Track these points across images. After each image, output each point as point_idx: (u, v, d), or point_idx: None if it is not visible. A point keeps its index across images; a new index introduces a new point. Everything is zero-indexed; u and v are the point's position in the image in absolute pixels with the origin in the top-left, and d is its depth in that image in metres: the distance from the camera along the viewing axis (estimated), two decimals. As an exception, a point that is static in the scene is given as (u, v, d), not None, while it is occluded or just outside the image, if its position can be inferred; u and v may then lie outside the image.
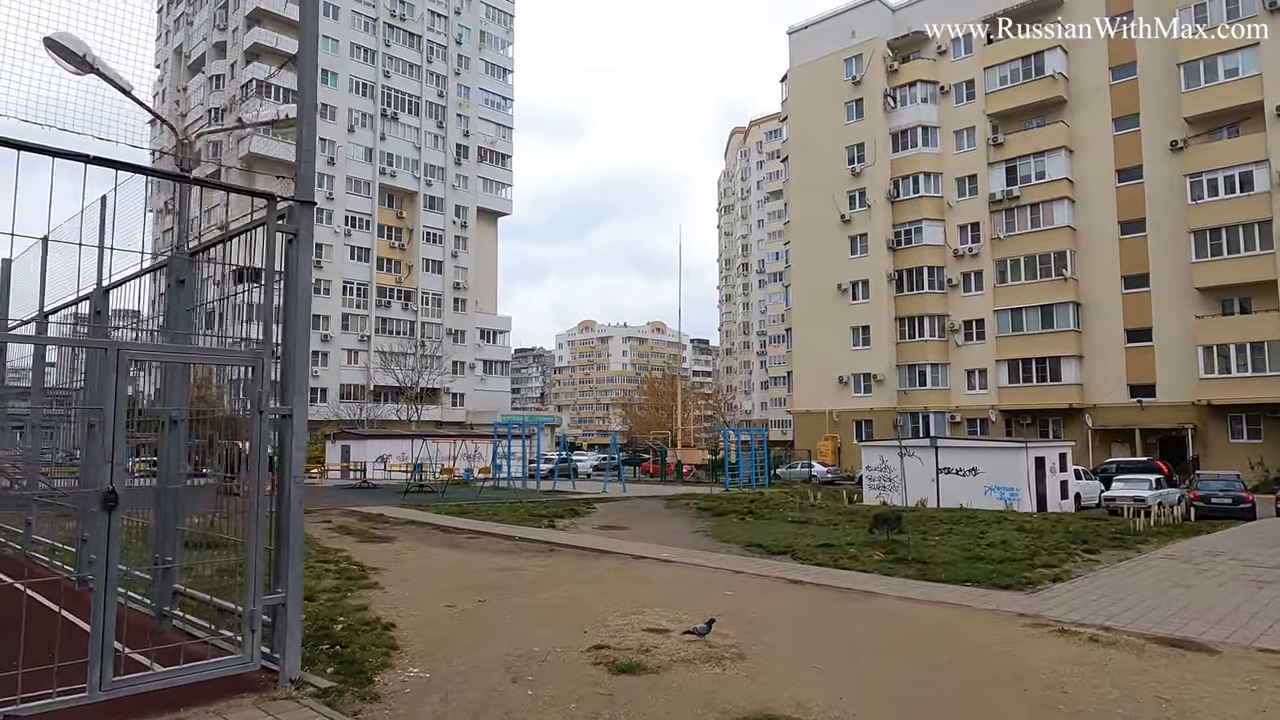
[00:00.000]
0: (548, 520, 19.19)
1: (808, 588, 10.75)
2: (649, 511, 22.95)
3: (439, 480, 30.20)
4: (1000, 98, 48.12)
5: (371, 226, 69.22)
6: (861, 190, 52.54)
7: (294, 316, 5.72)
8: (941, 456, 26.97)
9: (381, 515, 19.79)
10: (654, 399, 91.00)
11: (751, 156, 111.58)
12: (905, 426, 49.75)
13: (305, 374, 5.77)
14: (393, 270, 70.76)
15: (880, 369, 50.83)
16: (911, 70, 51.88)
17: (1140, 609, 9.39)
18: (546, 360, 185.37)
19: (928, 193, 50.74)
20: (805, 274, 55.24)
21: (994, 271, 47.94)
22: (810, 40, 56.31)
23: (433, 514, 20.46)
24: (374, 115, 69.80)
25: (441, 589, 10.33)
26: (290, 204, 5.80)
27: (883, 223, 51.53)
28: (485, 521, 18.73)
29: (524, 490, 31.70)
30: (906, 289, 51.06)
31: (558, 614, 8.77)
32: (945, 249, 50.17)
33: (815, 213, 54.46)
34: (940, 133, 51.13)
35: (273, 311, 5.65)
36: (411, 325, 70.34)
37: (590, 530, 17.75)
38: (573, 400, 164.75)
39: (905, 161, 51.53)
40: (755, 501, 24.88)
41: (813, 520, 19.41)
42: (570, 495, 29.46)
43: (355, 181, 68.40)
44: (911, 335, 50.83)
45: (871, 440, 39.73)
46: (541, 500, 25.91)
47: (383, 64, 70.53)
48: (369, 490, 31.98)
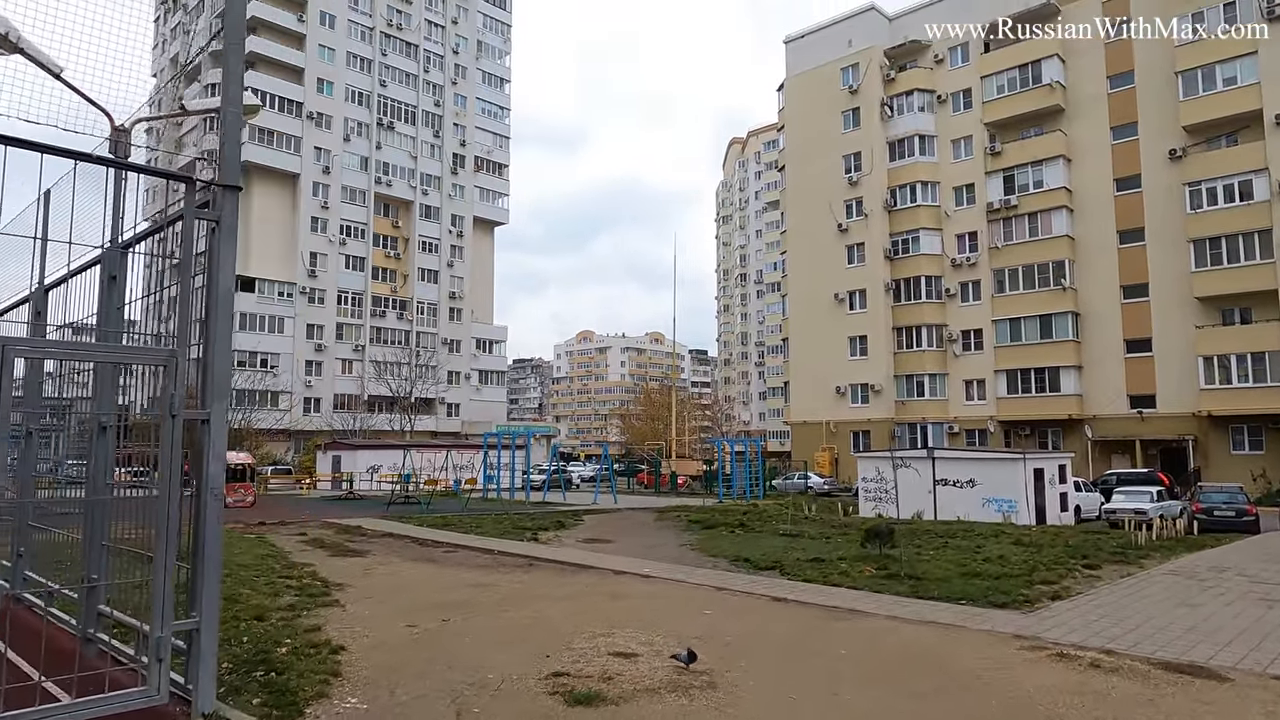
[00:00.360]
0: (531, 533, 18.62)
1: (792, 606, 10.20)
2: (638, 524, 22.38)
3: (424, 492, 29.58)
4: (997, 106, 47.80)
5: (367, 236, 68.81)
6: (858, 199, 52.15)
7: (215, 312, 5.20)
8: (938, 468, 26.43)
9: (360, 528, 19.22)
10: (650, 409, 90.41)
11: (750, 167, 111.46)
12: (903, 437, 49.19)
13: (226, 375, 5.25)
14: (388, 280, 70.29)
15: (878, 379, 50.29)
16: (908, 79, 51.58)
17: (1144, 630, 8.84)
18: (545, 371, 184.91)
19: (925, 202, 50.34)
20: (802, 283, 54.79)
21: (992, 281, 47.47)
22: (807, 49, 56.05)
23: (413, 526, 19.88)
24: (370, 124, 69.51)
25: (405, 607, 9.78)
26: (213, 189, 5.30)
27: (880, 232, 51.11)
28: (466, 535, 18.16)
29: (513, 502, 31.12)
30: (904, 298, 50.58)
31: (522, 635, 8.22)
32: (943, 258, 49.72)
33: (812, 222, 54.05)
34: (937, 141, 50.77)
35: (190, 306, 5.14)
36: (407, 335, 69.82)
37: (574, 544, 17.19)
38: (571, 411, 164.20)
39: (902, 170, 51.16)
40: (748, 514, 24.31)
41: (805, 533, 18.84)
42: (560, 507, 28.87)
43: (351, 190, 68.03)
44: (909, 345, 50.32)
45: (869, 451, 39.17)
46: (529, 512, 25.33)
47: (379, 73, 70.31)
48: (355, 501, 31.39)
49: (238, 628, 8.07)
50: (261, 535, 17.06)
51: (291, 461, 54.78)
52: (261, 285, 62.32)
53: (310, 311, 64.72)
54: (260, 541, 15.82)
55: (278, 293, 63.30)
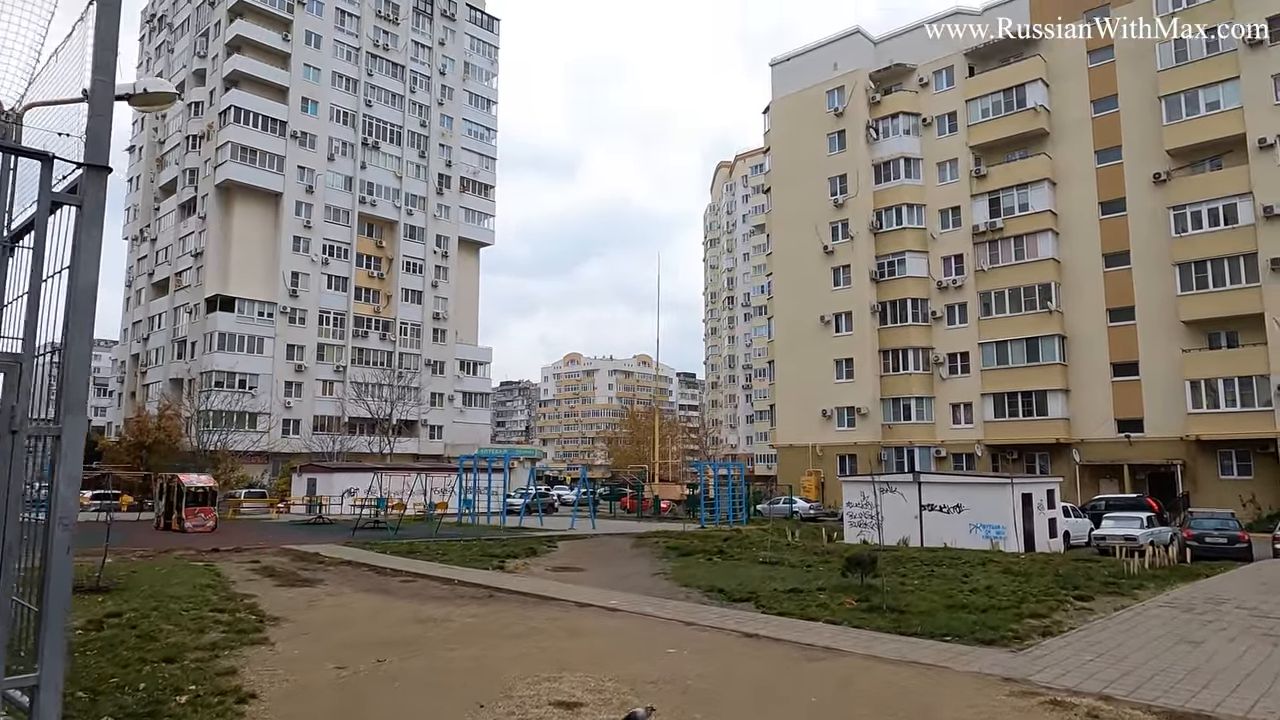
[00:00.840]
0: (499, 561, 17.75)
1: (764, 643, 9.42)
2: (613, 550, 21.53)
3: (394, 517, 28.50)
4: (982, 130, 47.75)
5: (350, 255, 68.02)
6: (844, 221, 51.87)
7: (76, 311, 4.44)
8: (925, 492, 25.73)
9: (317, 555, 18.25)
10: (636, 432, 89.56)
11: (737, 190, 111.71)
12: (889, 461, 48.54)
13: (84, 385, 4.49)
14: (371, 300, 69.42)
15: (864, 402, 49.71)
16: (894, 102, 51.55)
17: (1144, 672, 8.11)
18: (532, 394, 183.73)
19: (911, 224, 50.10)
20: (788, 306, 54.33)
21: (978, 304, 47.14)
22: (793, 72, 56.06)
23: (374, 553, 18.95)
24: (355, 144, 69.00)
25: (341, 645, 8.95)
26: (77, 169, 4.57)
27: (865, 254, 50.80)
28: (429, 562, 17.25)
29: (486, 527, 30.14)
30: (890, 321, 50.15)
31: (460, 681, 7.41)
32: (929, 281, 49.41)
33: (798, 244, 53.73)
34: (923, 164, 50.66)
35: (39, 303, 4.40)
36: (389, 356, 68.81)
37: (542, 572, 16.34)
38: (558, 434, 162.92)
39: (888, 193, 50.96)
40: (728, 540, 23.50)
41: (785, 561, 18.05)
42: (535, 532, 27.95)
43: (334, 210, 67.32)
44: (895, 368, 49.83)
45: (854, 475, 38.47)
46: (501, 538, 24.40)
47: (365, 93, 69.92)
48: (322, 526, 30.31)
49: (140, 671, 7.23)
50: (210, 563, 16.12)
51: (268, 484, 53.55)
52: (241, 304, 61.40)
53: (291, 332, 63.74)
54: (205, 570, 14.90)
55: (258, 312, 62.35)
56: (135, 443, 43.54)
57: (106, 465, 39.71)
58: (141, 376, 70.01)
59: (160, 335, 67.99)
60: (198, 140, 66.80)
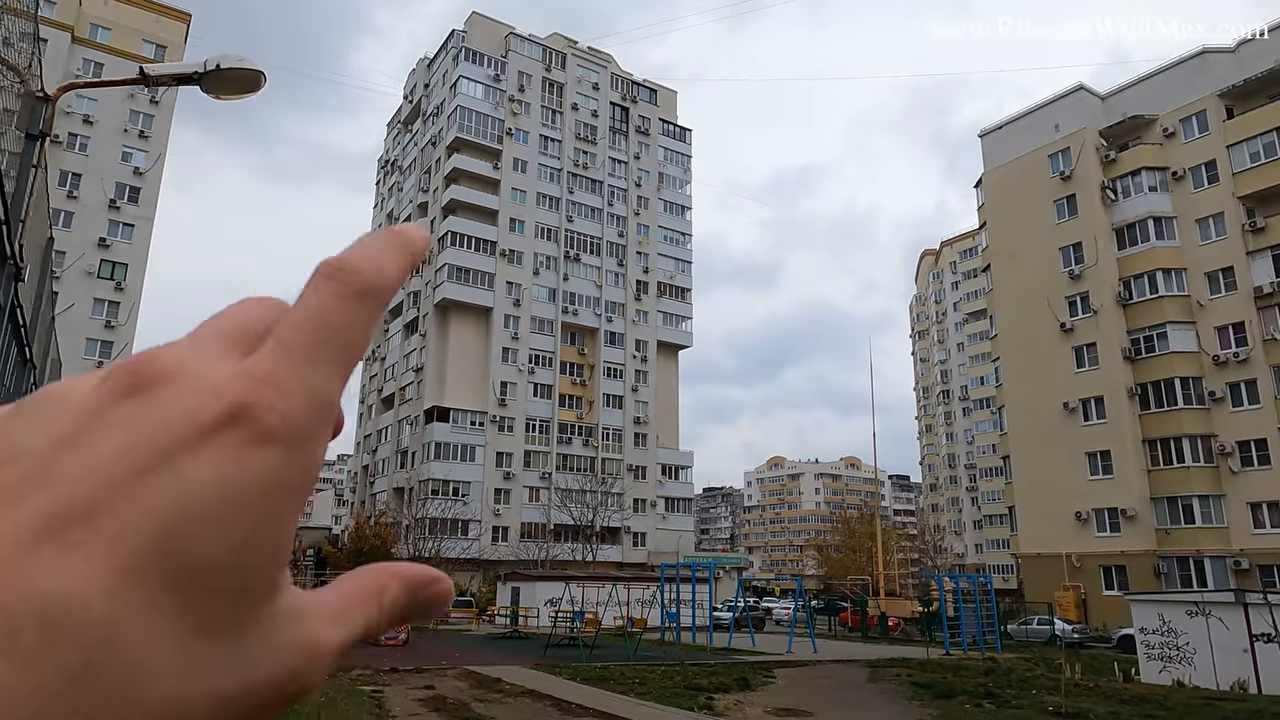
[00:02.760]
0: (706, 695, 14.71)
1: None
2: (845, 685, 17.73)
3: (585, 632, 25.96)
4: (1253, 176, 40.64)
5: (554, 364, 69.77)
6: (1083, 294, 45.57)
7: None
8: (1254, 617, 19.68)
9: (499, 681, 16.06)
10: (850, 540, 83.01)
11: (945, 278, 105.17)
12: (1171, 574, 40.08)
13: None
14: (574, 406, 70.37)
15: (1129, 502, 41.85)
16: (1133, 158, 45.50)
17: None
18: (735, 500, 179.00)
19: (1170, 291, 42.98)
20: (1021, 394, 47.99)
21: (1271, 379, 38.83)
22: (1006, 139, 51.58)
23: (563, 680, 16.51)
24: (558, 257, 71.89)
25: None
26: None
27: (1114, 329, 44.00)
28: (622, 696, 14.54)
29: (691, 646, 26.98)
30: (1154, 405, 42.55)
31: None
32: (1200, 356, 41.67)
33: (1027, 324, 47.80)
34: (1178, 223, 43.81)
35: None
36: (592, 461, 68.78)
37: (760, 716, 13.11)
38: (763, 541, 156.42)
39: (1137, 258, 44.34)
40: (990, 674, 18.88)
41: (1088, 713, 13.55)
42: (746, 656, 24.45)
43: (539, 320, 69.81)
44: (1167, 461, 41.80)
45: (1129, 592, 31.52)
46: (708, 662, 21.22)
47: (566, 209, 73.25)
48: (517, 640, 28.55)
49: None
50: (379, 688, 14.37)
51: (476, 592, 53.71)
52: (455, 415, 64.03)
53: (500, 439, 65.47)
54: (368, 700, 13.07)
55: (470, 421, 64.71)
56: (354, 549, 45.07)
57: (330, 574, 41.05)
58: (370, 486, 74.57)
59: (386, 447, 72.43)
60: (420, 265, 72.49)
